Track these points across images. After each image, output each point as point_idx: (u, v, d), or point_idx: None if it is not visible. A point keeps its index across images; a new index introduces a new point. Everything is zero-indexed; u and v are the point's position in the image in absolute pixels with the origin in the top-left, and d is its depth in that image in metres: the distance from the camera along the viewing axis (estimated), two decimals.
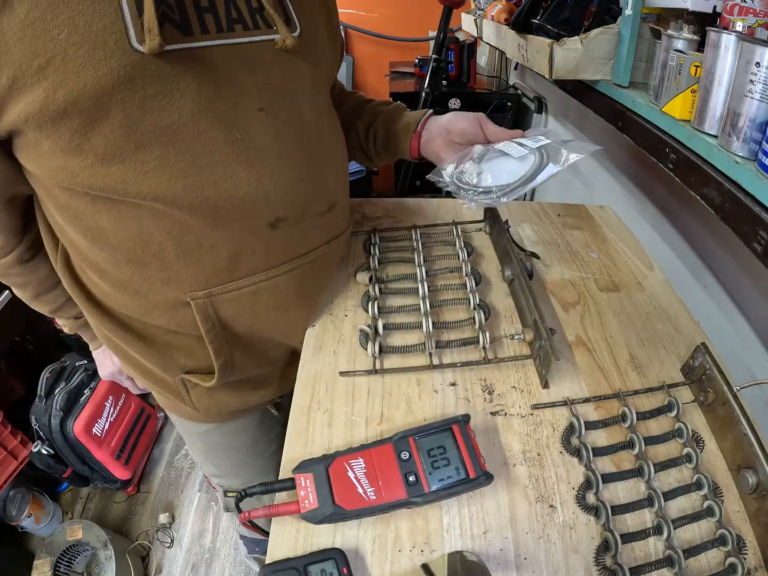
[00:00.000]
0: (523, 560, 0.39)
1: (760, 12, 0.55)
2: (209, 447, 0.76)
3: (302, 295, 0.58)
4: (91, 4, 0.34)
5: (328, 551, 0.38)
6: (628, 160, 1.15)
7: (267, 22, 0.44)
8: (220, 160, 0.43)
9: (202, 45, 0.39)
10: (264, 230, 0.49)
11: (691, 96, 0.63)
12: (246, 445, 0.75)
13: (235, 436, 0.73)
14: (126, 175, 0.40)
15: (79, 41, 0.34)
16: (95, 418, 1.39)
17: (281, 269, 0.53)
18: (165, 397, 0.66)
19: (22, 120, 0.36)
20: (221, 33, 0.40)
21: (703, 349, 0.50)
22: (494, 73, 2.09)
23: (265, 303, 0.54)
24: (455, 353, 0.56)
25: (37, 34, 0.33)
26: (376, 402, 0.51)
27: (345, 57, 2.46)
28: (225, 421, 0.70)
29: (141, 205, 0.43)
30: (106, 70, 0.35)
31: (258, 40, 0.43)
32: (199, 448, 0.78)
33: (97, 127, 0.37)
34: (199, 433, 0.72)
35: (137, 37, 0.36)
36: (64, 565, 1.27)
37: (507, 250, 0.65)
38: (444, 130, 0.66)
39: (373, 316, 0.58)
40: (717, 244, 0.84)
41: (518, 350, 0.57)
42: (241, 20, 0.42)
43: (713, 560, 0.40)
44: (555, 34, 0.88)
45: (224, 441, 0.74)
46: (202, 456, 0.79)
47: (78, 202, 0.44)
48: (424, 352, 0.55)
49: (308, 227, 0.54)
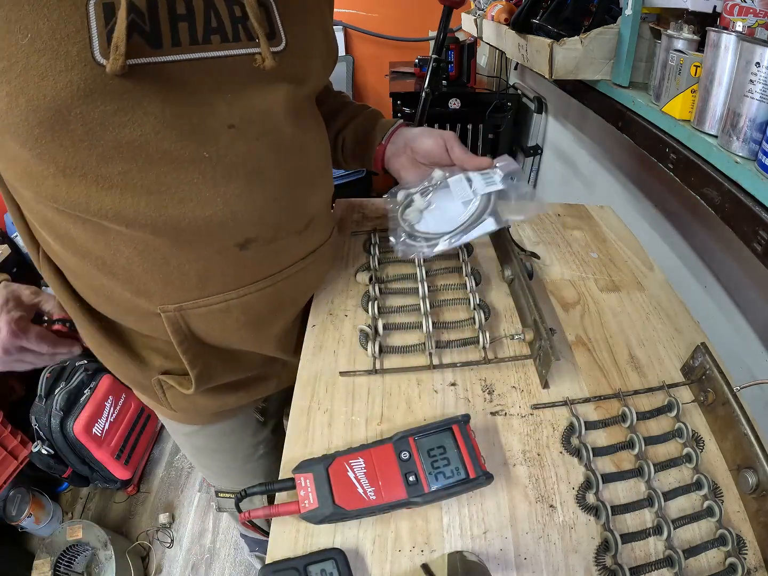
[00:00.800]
0: (523, 560, 0.39)
1: (760, 12, 0.55)
2: (195, 448, 0.76)
3: (278, 309, 0.56)
4: (57, 9, 0.32)
5: (328, 551, 0.38)
6: (628, 160, 1.15)
7: (249, 34, 0.40)
8: (185, 178, 0.41)
9: (171, 60, 0.37)
10: (232, 250, 0.47)
11: (691, 96, 0.63)
12: (230, 448, 0.74)
13: (219, 439, 0.72)
14: (89, 190, 0.39)
15: (41, 48, 0.32)
16: (95, 418, 1.39)
17: (253, 288, 0.51)
18: (145, 396, 0.65)
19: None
20: (194, 45, 0.38)
21: (703, 349, 0.50)
22: (494, 73, 2.09)
23: (236, 319, 0.52)
24: (455, 353, 0.56)
25: (0, 36, 0.31)
26: (376, 402, 0.51)
27: (345, 57, 2.46)
28: (207, 423, 0.69)
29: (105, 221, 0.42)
30: (66, 83, 0.33)
31: (235, 54, 0.40)
32: (187, 448, 0.78)
33: (57, 139, 0.36)
34: (185, 434, 0.72)
35: (101, 50, 0.34)
36: (64, 565, 1.27)
37: (507, 250, 0.65)
38: (409, 148, 0.63)
39: (373, 316, 0.58)
40: (717, 244, 0.84)
41: (518, 350, 0.57)
42: (220, 30, 0.39)
43: (713, 560, 0.40)
44: (555, 34, 0.88)
45: (209, 443, 0.73)
46: (191, 456, 0.80)
47: (46, 209, 0.43)
48: (424, 352, 0.55)
49: (282, 246, 0.51)
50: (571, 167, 1.56)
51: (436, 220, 0.58)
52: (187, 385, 0.56)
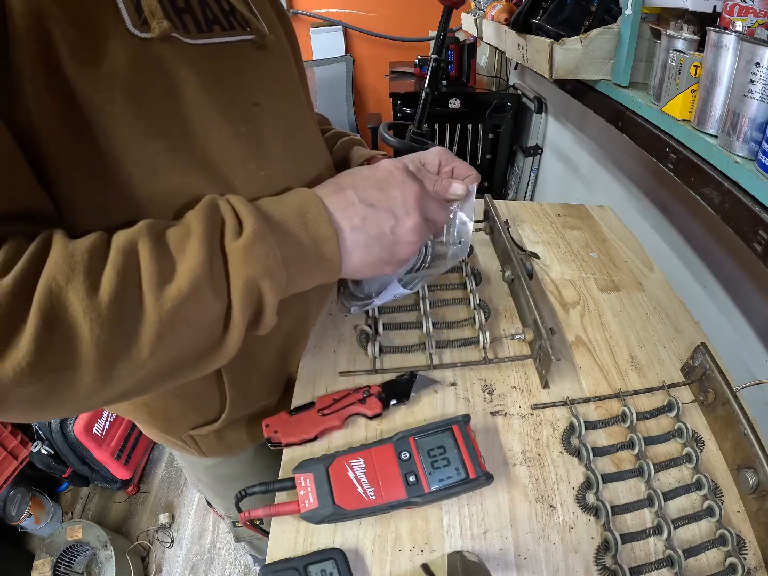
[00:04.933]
0: (523, 560, 0.39)
1: (760, 12, 0.55)
2: (216, 479, 0.73)
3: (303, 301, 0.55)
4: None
5: (328, 551, 0.38)
6: (628, 160, 1.15)
7: (241, 24, 0.43)
8: (231, 154, 0.41)
9: (189, 42, 0.38)
10: None
11: (691, 96, 0.63)
12: (254, 474, 0.71)
13: (243, 467, 0.70)
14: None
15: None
16: (95, 418, 1.39)
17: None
18: (168, 443, 0.64)
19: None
20: (201, 33, 0.39)
21: (703, 349, 0.50)
22: (494, 73, 2.09)
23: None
24: (455, 353, 0.56)
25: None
26: None
27: (345, 57, 2.46)
28: (233, 455, 0.67)
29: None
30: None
31: (236, 39, 0.42)
32: (204, 481, 0.74)
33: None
34: (206, 468, 0.70)
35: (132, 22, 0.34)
36: (64, 565, 1.27)
37: (507, 251, 0.65)
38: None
39: (373, 316, 0.58)
40: (717, 244, 0.84)
41: (518, 350, 0.57)
42: (218, 21, 0.41)
43: (713, 560, 0.40)
44: (555, 34, 0.88)
45: (232, 472, 0.71)
46: (209, 488, 0.76)
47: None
48: (424, 351, 0.55)
49: None
50: (571, 167, 1.56)
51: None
52: (217, 418, 0.55)
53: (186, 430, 0.57)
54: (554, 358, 0.48)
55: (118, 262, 0.30)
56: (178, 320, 0.31)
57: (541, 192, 1.86)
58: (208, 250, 0.32)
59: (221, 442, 0.61)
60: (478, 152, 2.03)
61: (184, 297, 0.30)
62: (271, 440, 0.47)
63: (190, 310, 0.31)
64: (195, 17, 0.38)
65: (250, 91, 0.43)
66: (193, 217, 0.34)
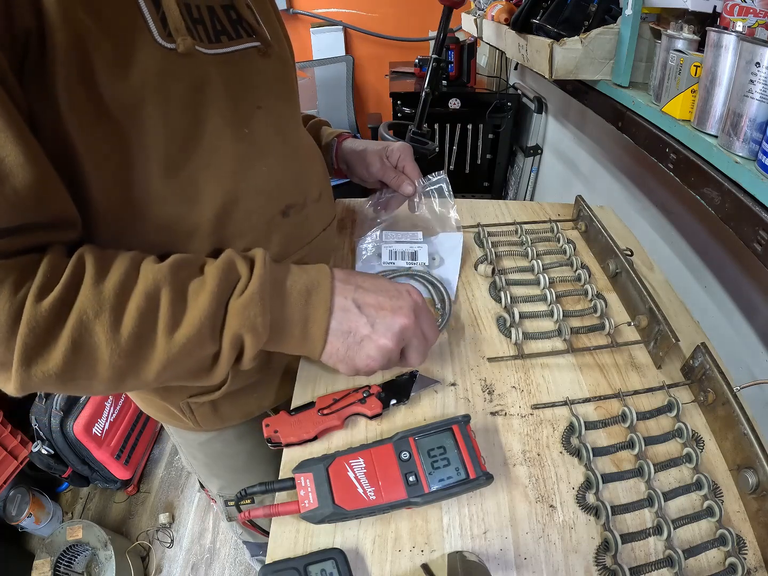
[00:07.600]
0: (523, 560, 0.39)
1: (760, 12, 0.55)
2: (211, 456, 0.75)
3: None
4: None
5: (328, 551, 0.38)
6: (628, 160, 1.15)
7: (247, 32, 0.46)
8: (236, 153, 0.45)
9: (204, 51, 0.41)
10: (277, 218, 0.51)
11: (691, 96, 0.63)
12: (247, 449, 0.74)
13: (237, 442, 0.72)
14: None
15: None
16: (95, 418, 1.39)
17: (295, 257, 0.54)
18: (161, 415, 0.65)
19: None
20: (211, 44, 0.42)
21: (703, 349, 0.50)
22: (494, 73, 2.09)
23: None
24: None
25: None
26: None
27: (345, 57, 2.46)
28: (226, 427, 0.69)
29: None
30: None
31: (242, 48, 0.45)
32: (199, 458, 0.76)
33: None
34: (200, 443, 0.72)
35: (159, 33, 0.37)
36: (64, 565, 1.27)
37: (610, 246, 0.68)
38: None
39: (505, 305, 0.60)
40: (717, 244, 0.84)
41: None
42: (225, 32, 0.44)
43: (713, 560, 0.40)
44: (555, 34, 0.88)
45: (226, 448, 0.73)
46: (203, 466, 0.78)
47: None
48: (559, 336, 0.58)
49: (309, 213, 0.55)
50: (571, 167, 1.56)
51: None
52: (216, 389, 0.56)
53: (184, 398, 0.58)
54: (675, 340, 0.51)
55: (141, 306, 0.35)
56: (180, 356, 0.37)
57: (541, 192, 1.86)
58: (216, 304, 0.38)
59: (215, 412, 0.62)
60: (478, 152, 2.03)
61: (189, 339, 0.37)
62: (271, 440, 0.47)
63: (190, 348, 0.37)
64: (206, 28, 0.42)
65: (254, 95, 0.47)
66: (211, 271, 0.39)
